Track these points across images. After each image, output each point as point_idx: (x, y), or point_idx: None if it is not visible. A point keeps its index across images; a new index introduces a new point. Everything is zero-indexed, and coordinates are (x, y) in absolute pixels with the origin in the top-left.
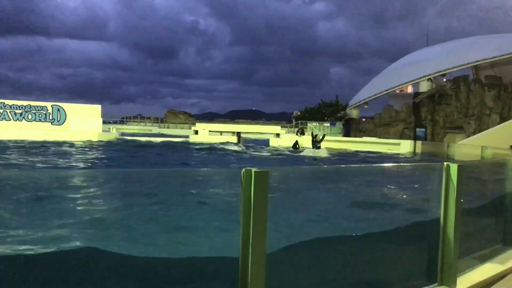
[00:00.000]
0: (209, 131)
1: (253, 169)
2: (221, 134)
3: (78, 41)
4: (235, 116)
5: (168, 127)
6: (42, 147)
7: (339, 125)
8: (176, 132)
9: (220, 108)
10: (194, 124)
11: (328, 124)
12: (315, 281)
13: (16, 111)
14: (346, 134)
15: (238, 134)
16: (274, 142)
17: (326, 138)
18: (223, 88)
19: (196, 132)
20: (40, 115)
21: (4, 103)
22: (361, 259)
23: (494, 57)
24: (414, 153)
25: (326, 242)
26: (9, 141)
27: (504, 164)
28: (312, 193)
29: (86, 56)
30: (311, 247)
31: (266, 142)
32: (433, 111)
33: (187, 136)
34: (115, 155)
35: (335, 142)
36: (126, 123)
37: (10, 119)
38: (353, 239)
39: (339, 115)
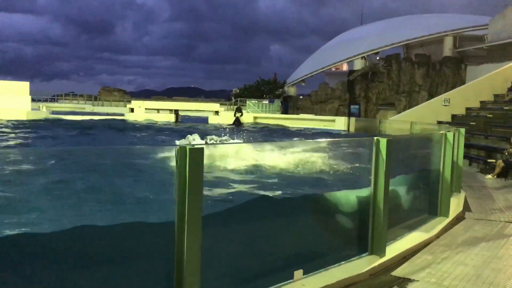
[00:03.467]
0: (146, 108)
1: (188, 146)
2: (158, 112)
3: (5, 14)
4: (173, 94)
5: (102, 105)
6: None
7: (277, 102)
8: (110, 110)
9: (158, 85)
10: (129, 101)
11: (267, 102)
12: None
13: None
14: (284, 111)
15: (176, 112)
16: (213, 120)
17: (264, 115)
18: (161, 64)
19: (132, 110)
20: None
21: None
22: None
23: (423, 36)
24: (348, 129)
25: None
26: None
27: (430, 139)
28: None
29: (15, 30)
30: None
31: (205, 120)
32: (367, 89)
33: (123, 114)
34: (43, 135)
35: (272, 119)
36: (57, 101)
37: None
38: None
39: (277, 92)
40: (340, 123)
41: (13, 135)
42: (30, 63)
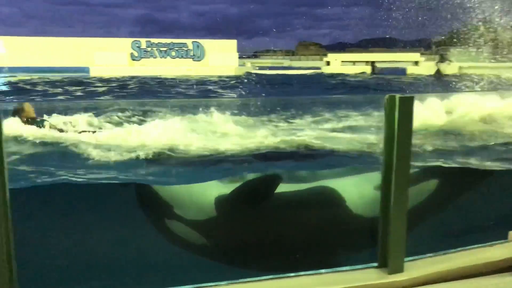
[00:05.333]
0: (342, 61)
1: (397, 95)
2: (354, 64)
3: None
4: (367, 45)
5: (299, 60)
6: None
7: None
8: (307, 64)
9: (352, 37)
10: (325, 55)
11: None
12: None
13: (161, 49)
14: None
15: (372, 63)
16: (412, 71)
17: (472, 64)
18: (355, 16)
19: (328, 63)
20: (182, 52)
21: (151, 41)
22: None
23: None
24: None
25: None
26: (158, 77)
27: None
28: None
29: None
30: None
31: (402, 72)
32: None
33: (319, 68)
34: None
35: (482, 68)
36: (258, 57)
37: (156, 57)
38: None
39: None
40: None
41: (228, 90)
42: (235, 22)
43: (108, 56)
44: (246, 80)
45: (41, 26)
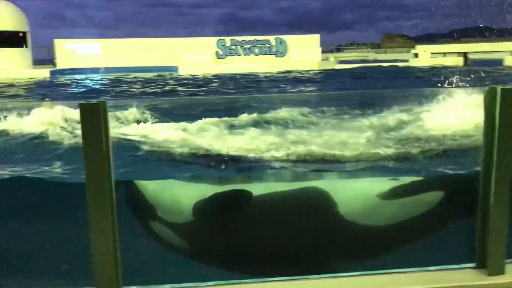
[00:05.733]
0: (431, 53)
1: (499, 87)
2: (445, 56)
3: None
4: (458, 35)
5: (385, 52)
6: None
7: None
8: (393, 57)
9: (441, 27)
10: (413, 47)
11: None
12: None
13: (245, 46)
14: None
15: (465, 54)
16: (509, 62)
17: None
18: (445, 4)
19: (416, 56)
20: (265, 49)
21: (235, 39)
22: None
23: None
24: None
25: None
26: (241, 74)
27: None
28: None
29: None
30: None
31: (498, 63)
32: None
33: (406, 61)
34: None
35: None
36: (342, 51)
37: (241, 54)
38: None
39: None
40: None
41: (309, 83)
42: (317, 16)
43: (195, 55)
44: (329, 75)
45: (132, 28)
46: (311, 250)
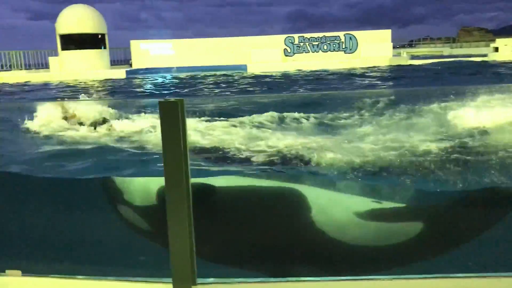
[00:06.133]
0: None
1: None
2: None
3: None
4: None
5: (460, 47)
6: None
7: None
8: (470, 52)
9: None
10: (492, 40)
11: None
12: None
13: (313, 43)
14: None
15: None
16: None
17: None
18: None
19: (496, 50)
20: (334, 45)
21: (304, 36)
22: None
23: None
24: None
25: None
26: (312, 71)
27: None
28: None
29: None
30: None
31: None
32: None
33: (485, 55)
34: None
35: None
36: (414, 46)
37: (309, 51)
38: None
39: None
40: None
41: (378, 82)
42: (388, 11)
43: (264, 53)
44: (402, 70)
45: (202, 28)
46: (268, 247)
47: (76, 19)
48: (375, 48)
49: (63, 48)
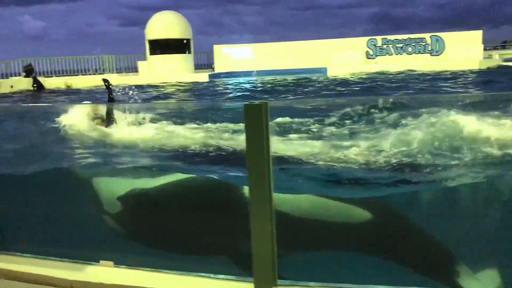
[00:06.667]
0: None
1: None
2: None
3: None
4: None
5: None
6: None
7: None
8: None
9: None
10: None
11: None
12: None
13: (397, 45)
14: None
15: None
16: None
17: None
18: None
19: None
20: (419, 47)
21: (387, 38)
22: None
23: None
24: None
25: None
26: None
27: None
28: None
29: None
30: None
31: None
32: None
33: None
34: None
35: None
36: (508, 48)
37: (392, 54)
38: None
39: None
40: None
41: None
42: (479, 11)
43: (345, 56)
44: (495, 74)
45: (282, 31)
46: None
47: (163, 25)
48: (463, 50)
49: (151, 53)
